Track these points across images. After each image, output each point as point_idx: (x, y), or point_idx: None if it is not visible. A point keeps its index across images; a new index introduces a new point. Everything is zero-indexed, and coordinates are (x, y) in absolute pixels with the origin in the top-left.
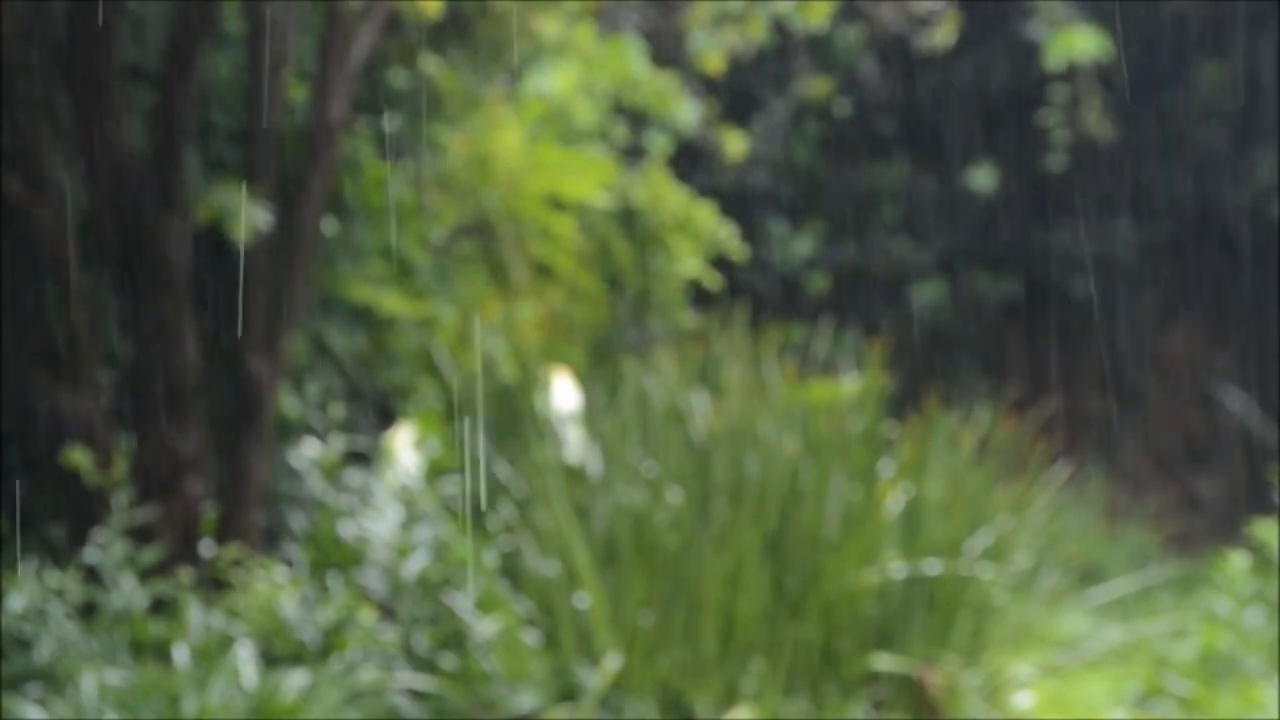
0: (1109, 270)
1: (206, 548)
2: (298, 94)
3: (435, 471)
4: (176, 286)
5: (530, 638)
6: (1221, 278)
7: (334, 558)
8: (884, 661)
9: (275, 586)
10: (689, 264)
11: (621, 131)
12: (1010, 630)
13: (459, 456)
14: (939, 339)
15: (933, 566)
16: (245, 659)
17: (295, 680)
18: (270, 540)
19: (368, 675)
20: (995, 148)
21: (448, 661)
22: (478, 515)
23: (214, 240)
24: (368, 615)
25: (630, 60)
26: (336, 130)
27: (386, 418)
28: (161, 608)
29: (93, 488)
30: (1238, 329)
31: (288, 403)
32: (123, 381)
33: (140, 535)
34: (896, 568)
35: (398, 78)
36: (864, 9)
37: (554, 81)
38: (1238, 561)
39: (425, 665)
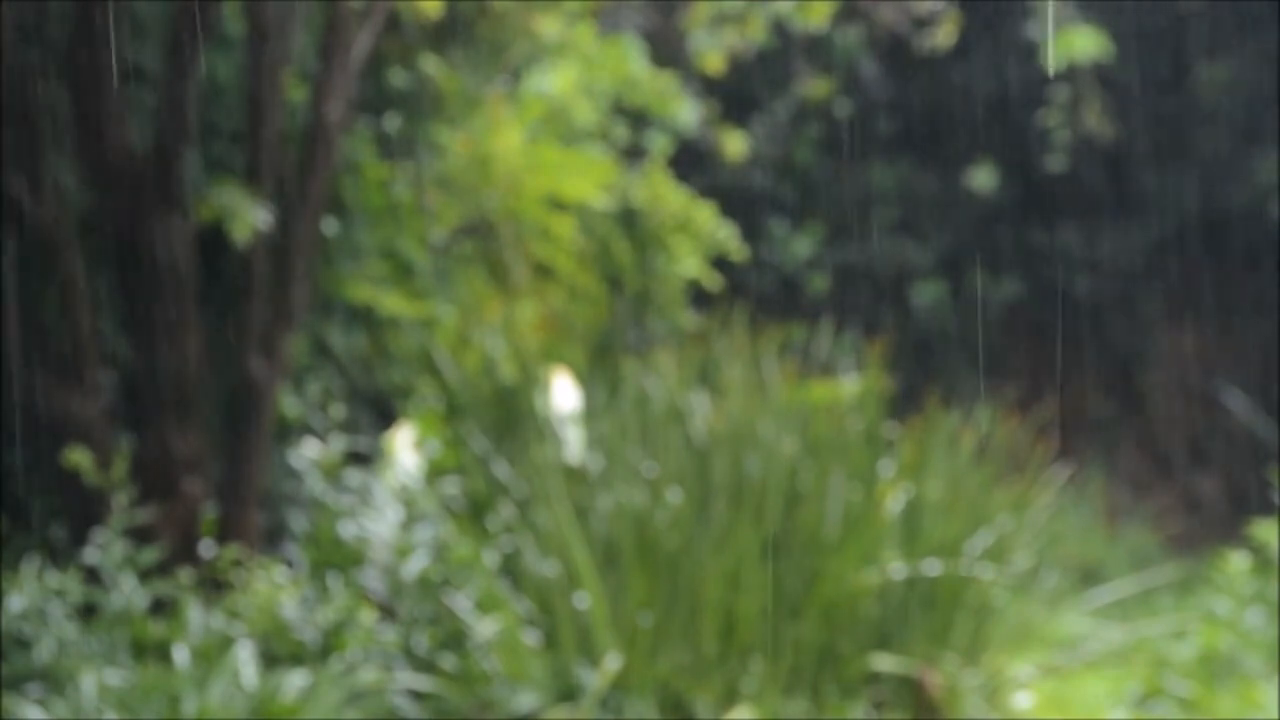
0: (1109, 270)
1: (206, 548)
2: (298, 94)
3: (435, 471)
4: (176, 286)
5: (530, 638)
6: (1222, 278)
7: (334, 558)
8: (884, 661)
9: (275, 586)
10: (689, 264)
11: (621, 131)
12: (1010, 630)
13: (459, 456)
14: (939, 339)
15: (933, 566)
16: (245, 659)
17: (295, 680)
18: (270, 540)
19: (368, 675)
20: (995, 148)
21: (448, 661)
22: (477, 515)
23: (214, 240)
24: (368, 615)
25: (630, 60)
26: (336, 130)
27: (386, 418)
28: (161, 608)
29: (93, 488)
30: (1238, 329)
31: (288, 403)
32: (123, 381)
33: (140, 535)
34: (896, 568)
35: (398, 78)
36: (864, 9)
37: (554, 81)
38: (1238, 562)
39: (425, 665)
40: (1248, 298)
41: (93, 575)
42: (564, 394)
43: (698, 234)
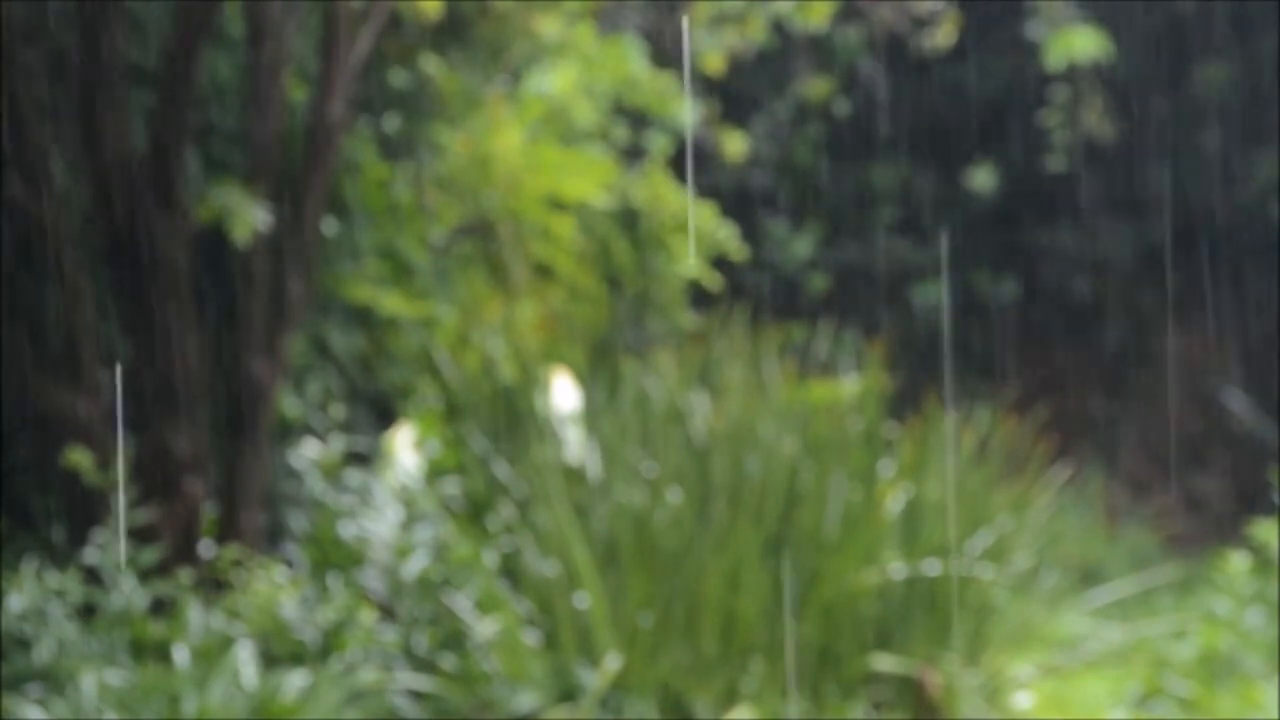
0: (1109, 270)
1: (206, 548)
2: (298, 94)
3: (435, 471)
4: (176, 286)
5: (530, 638)
6: (1222, 278)
7: (334, 558)
8: (884, 661)
9: (275, 586)
10: (689, 264)
11: (621, 131)
12: (1010, 630)
13: (459, 456)
14: (939, 339)
15: (933, 566)
16: (245, 659)
17: (295, 680)
18: (270, 540)
19: (368, 675)
20: (995, 148)
21: (448, 661)
22: (477, 515)
23: (214, 240)
24: (368, 615)
25: (630, 60)
26: (336, 130)
27: (386, 418)
28: (161, 608)
29: (93, 488)
30: (1238, 329)
31: (288, 403)
32: (123, 381)
33: (140, 535)
34: (896, 568)
35: (398, 78)
36: (864, 9)
37: (554, 81)
38: (1238, 562)
39: (425, 665)
40: (1248, 298)
41: (93, 575)
42: (564, 394)
43: (697, 234)
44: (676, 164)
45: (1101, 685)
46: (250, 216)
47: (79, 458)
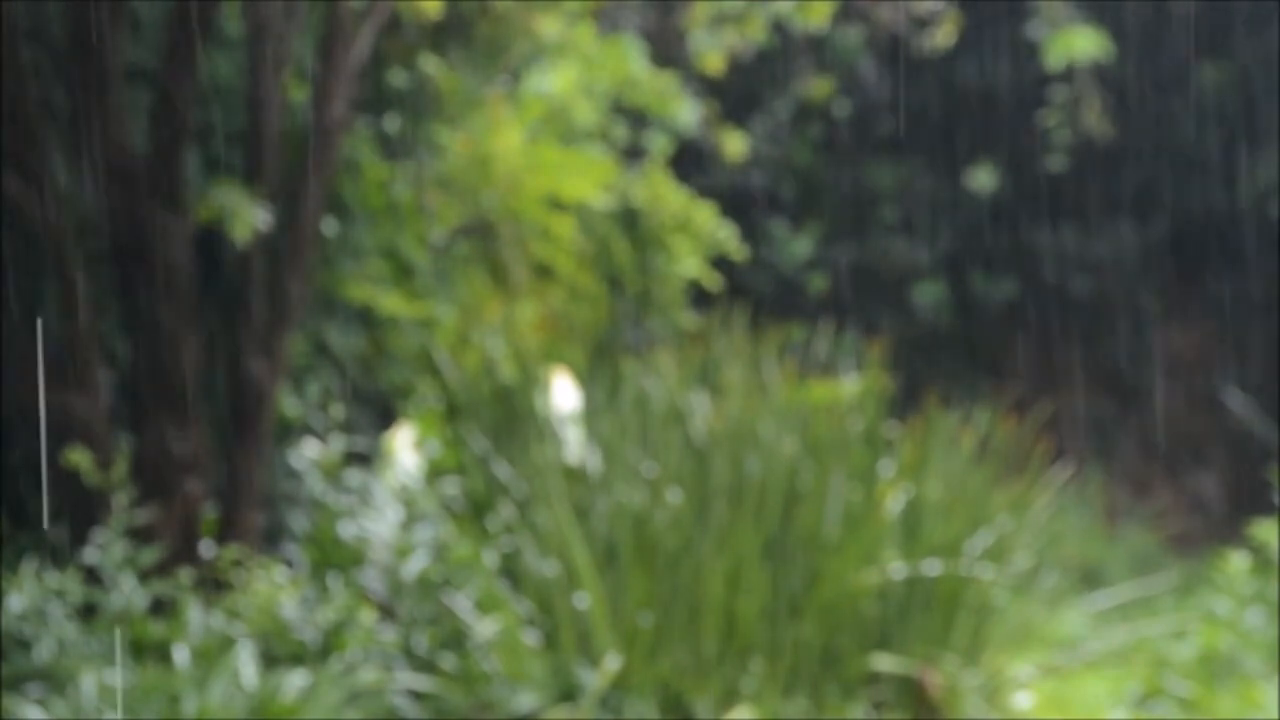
0: (1109, 270)
1: (206, 548)
2: (298, 94)
3: (435, 471)
4: (176, 286)
5: (530, 638)
6: (1221, 278)
7: (334, 558)
8: (884, 661)
9: (275, 587)
10: (689, 264)
11: (621, 131)
12: (1010, 630)
13: (459, 456)
14: (939, 339)
15: (933, 566)
16: (245, 659)
17: (295, 680)
18: (270, 540)
19: (368, 675)
20: (995, 148)
21: (448, 661)
22: (477, 515)
23: (214, 240)
24: (368, 615)
25: (630, 60)
26: (336, 130)
27: (386, 418)
28: (161, 608)
29: (93, 488)
30: (1238, 329)
31: (288, 403)
32: (123, 381)
33: (140, 535)
34: (896, 568)
35: (398, 78)
36: (864, 9)
37: (554, 81)
38: (1238, 562)
39: (425, 665)
40: (1247, 298)
41: (93, 575)
42: (564, 394)
43: (698, 234)
44: (677, 164)
45: (1101, 685)
46: (250, 216)
47: (79, 458)
